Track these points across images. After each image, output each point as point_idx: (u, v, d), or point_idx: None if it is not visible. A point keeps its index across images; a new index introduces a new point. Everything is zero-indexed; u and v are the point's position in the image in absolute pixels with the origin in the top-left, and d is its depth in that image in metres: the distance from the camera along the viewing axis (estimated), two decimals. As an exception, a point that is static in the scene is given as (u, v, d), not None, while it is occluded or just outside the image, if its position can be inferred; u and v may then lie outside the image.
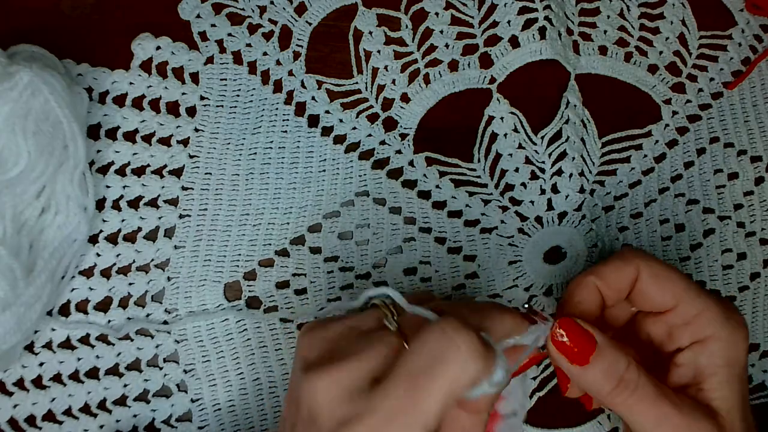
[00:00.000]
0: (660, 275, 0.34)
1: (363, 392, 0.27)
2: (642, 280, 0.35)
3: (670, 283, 0.34)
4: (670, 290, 0.34)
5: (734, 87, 0.48)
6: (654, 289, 0.34)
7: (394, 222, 0.44)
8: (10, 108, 0.35)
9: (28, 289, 0.37)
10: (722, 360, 0.33)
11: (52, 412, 0.40)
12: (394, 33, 0.46)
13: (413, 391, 0.26)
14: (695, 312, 0.34)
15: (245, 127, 0.44)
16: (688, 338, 0.34)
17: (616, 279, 0.35)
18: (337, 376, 0.27)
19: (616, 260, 0.35)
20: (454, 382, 0.26)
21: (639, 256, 0.35)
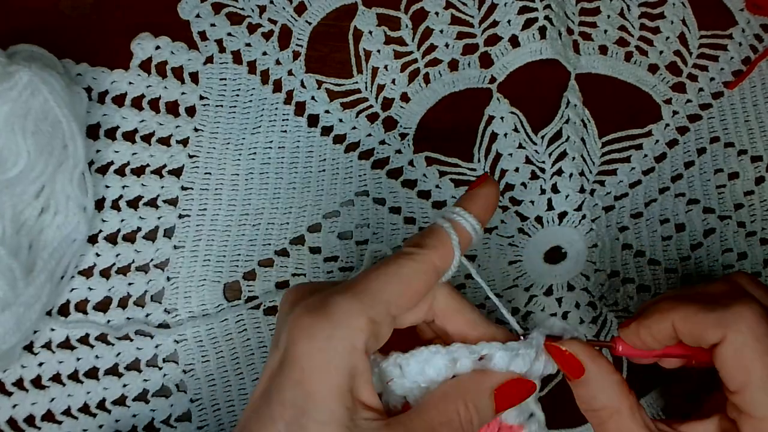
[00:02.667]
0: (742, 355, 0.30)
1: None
2: (720, 349, 0.31)
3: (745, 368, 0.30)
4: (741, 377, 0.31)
5: (735, 87, 0.48)
6: (726, 368, 0.31)
7: (394, 222, 0.44)
8: (9, 108, 0.35)
9: (27, 289, 0.37)
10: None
11: (51, 412, 0.40)
12: (394, 32, 0.46)
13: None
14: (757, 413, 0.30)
15: (245, 126, 0.44)
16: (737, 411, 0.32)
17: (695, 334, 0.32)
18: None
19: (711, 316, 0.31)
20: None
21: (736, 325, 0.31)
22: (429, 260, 0.30)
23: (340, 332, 0.27)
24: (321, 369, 0.27)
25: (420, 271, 0.30)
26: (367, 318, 0.28)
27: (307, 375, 0.27)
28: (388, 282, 0.29)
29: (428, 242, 0.30)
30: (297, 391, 0.27)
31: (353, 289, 0.28)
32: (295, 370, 0.27)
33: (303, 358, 0.27)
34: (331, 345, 0.27)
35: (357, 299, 0.28)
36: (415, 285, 0.30)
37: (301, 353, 0.27)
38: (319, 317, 0.28)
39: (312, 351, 0.27)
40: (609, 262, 0.45)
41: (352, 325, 0.28)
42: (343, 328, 0.27)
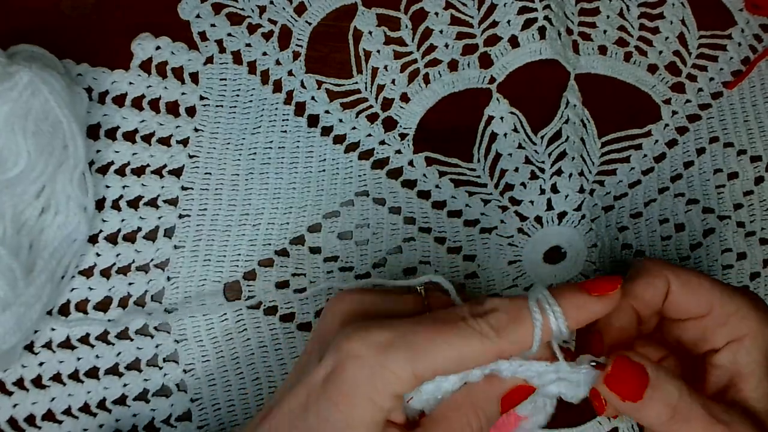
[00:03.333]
0: (690, 283, 0.34)
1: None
2: (673, 291, 0.34)
3: (702, 289, 0.33)
4: (703, 296, 0.33)
5: (734, 87, 0.48)
6: (687, 298, 0.34)
7: (394, 222, 0.44)
8: (9, 108, 0.35)
9: (27, 289, 0.37)
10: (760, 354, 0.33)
11: (51, 412, 0.40)
12: (394, 33, 0.46)
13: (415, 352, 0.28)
14: (729, 312, 0.33)
15: (245, 126, 0.44)
16: (724, 338, 0.33)
17: (649, 295, 0.34)
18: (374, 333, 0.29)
19: (643, 276, 0.34)
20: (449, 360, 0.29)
21: (665, 267, 0.34)
22: (498, 351, 0.29)
23: (387, 377, 0.28)
24: (363, 402, 0.28)
25: (482, 356, 0.29)
26: (413, 375, 0.28)
27: (349, 402, 0.28)
28: (448, 351, 0.29)
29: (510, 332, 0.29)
30: (336, 413, 0.29)
31: (411, 345, 0.28)
32: (339, 394, 0.29)
33: (349, 386, 0.28)
34: (375, 385, 0.28)
35: (411, 357, 0.28)
36: (469, 364, 0.30)
37: (348, 381, 0.28)
38: (372, 355, 0.28)
39: (358, 384, 0.28)
40: (609, 263, 0.45)
41: (400, 376, 0.28)
42: (391, 376, 0.28)
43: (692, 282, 0.34)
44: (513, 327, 0.29)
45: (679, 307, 0.34)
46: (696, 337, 0.35)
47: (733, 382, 0.33)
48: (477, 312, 0.30)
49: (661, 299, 0.34)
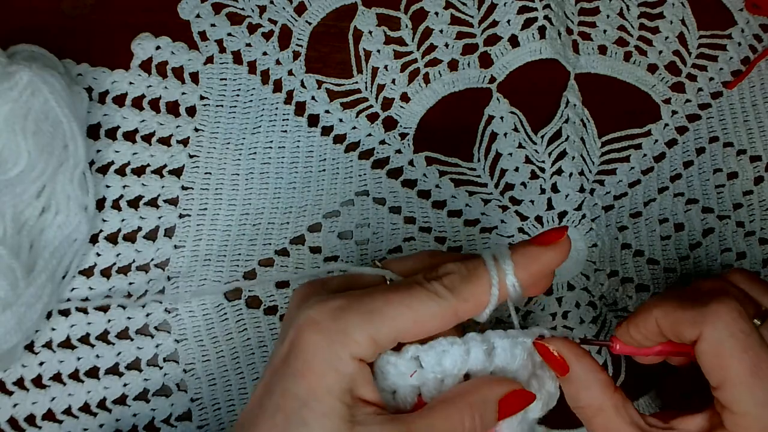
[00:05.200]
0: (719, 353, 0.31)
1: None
2: (699, 346, 0.31)
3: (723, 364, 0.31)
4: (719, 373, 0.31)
5: (734, 86, 0.48)
6: (705, 363, 0.31)
7: (394, 221, 0.44)
8: (9, 108, 0.35)
9: (28, 288, 0.37)
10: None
11: (51, 412, 0.40)
12: (394, 32, 0.46)
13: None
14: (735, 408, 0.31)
15: (245, 126, 0.44)
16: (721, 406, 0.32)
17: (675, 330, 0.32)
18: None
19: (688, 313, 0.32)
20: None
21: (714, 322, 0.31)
22: (453, 309, 0.29)
23: (343, 340, 0.28)
24: (323, 368, 0.28)
25: (438, 317, 0.29)
26: (370, 337, 0.28)
27: (309, 370, 0.28)
28: (403, 313, 0.29)
29: (463, 290, 0.29)
30: (299, 384, 0.28)
31: (366, 307, 0.29)
32: (298, 363, 0.28)
33: (307, 354, 0.28)
34: (333, 349, 0.28)
35: (366, 319, 0.28)
36: (428, 327, 0.29)
37: (306, 349, 0.28)
38: (327, 320, 0.28)
39: (316, 349, 0.28)
40: (609, 262, 0.45)
41: (356, 339, 0.28)
42: (347, 338, 0.28)
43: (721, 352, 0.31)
44: (467, 285, 0.29)
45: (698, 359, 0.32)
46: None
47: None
48: (431, 275, 0.30)
49: (686, 341, 0.32)
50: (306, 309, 0.29)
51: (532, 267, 0.30)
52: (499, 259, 0.30)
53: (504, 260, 0.30)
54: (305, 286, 0.32)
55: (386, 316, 0.28)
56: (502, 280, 0.30)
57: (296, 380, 0.28)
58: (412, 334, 0.29)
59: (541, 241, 0.31)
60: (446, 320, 0.29)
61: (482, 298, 0.30)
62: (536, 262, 0.30)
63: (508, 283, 0.30)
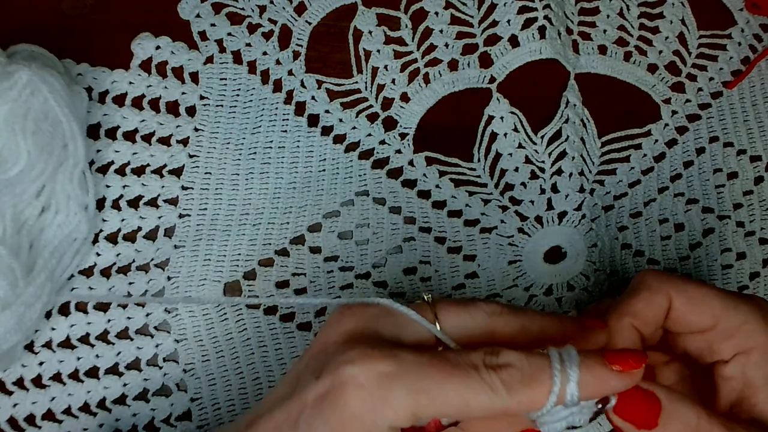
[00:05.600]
0: (693, 297, 0.32)
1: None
2: (675, 306, 0.33)
3: (706, 302, 0.32)
4: (707, 310, 0.32)
5: (734, 86, 0.48)
6: (690, 313, 0.33)
7: (394, 222, 0.44)
8: (9, 107, 0.35)
9: (28, 288, 0.37)
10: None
11: (51, 411, 0.40)
12: (394, 32, 0.46)
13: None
14: (736, 324, 0.32)
15: (245, 126, 0.44)
16: (731, 351, 0.33)
17: (650, 313, 0.33)
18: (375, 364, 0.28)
19: (644, 291, 0.33)
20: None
21: (666, 281, 0.33)
22: (504, 409, 0.27)
23: (385, 411, 0.27)
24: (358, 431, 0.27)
25: (487, 411, 0.27)
26: (412, 413, 0.27)
27: (343, 429, 0.27)
28: (452, 400, 0.27)
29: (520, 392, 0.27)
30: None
31: (416, 384, 0.27)
32: (335, 419, 0.27)
33: (345, 413, 0.27)
34: (373, 417, 0.27)
35: (413, 396, 0.27)
36: (473, 416, 0.28)
37: (345, 409, 0.27)
38: (373, 386, 0.27)
39: (355, 413, 0.27)
40: (609, 262, 0.45)
41: (398, 412, 0.27)
42: (389, 410, 0.27)
43: (695, 296, 0.32)
44: (526, 388, 0.27)
45: (683, 323, 0.33)
46: (702, 349, 0.34)
47: (746, 394, 0.32)
48: (491, 363, 0.28)
49: (663, 316, 0.33)
50: (351, 365, 0.28)
51: (596, 389, 0.28)
52: (567, 366, 0.28)
53: (571, 368, 0.28)
54: (347, 317, 0.30)
55: (435, 399, 0.27)
56: (563, 390, 0.27)
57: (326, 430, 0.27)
58: (455, 417, 0.28)
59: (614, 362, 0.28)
60: (493, 415, 0.28)
61: (537, 404, 0.28)
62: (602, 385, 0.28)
63: (567, 396, 0.27)
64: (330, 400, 0.28)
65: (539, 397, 0.27)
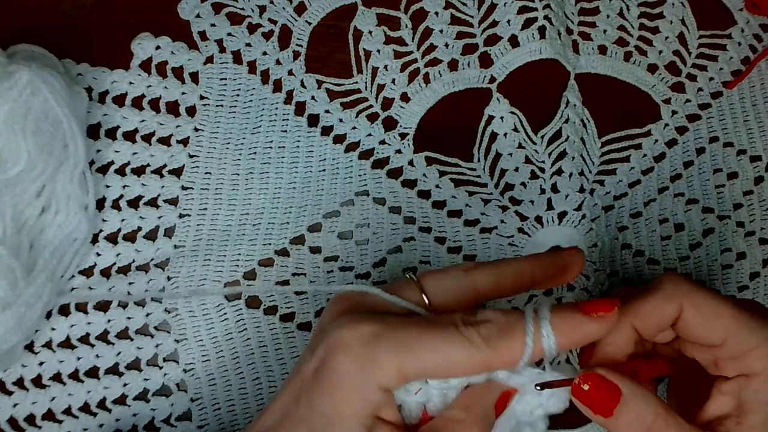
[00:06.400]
0: (706, 312, 0.32)
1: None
2: (685, 318, 0.32)
3: (717, 319, 0.31)
4: (718, 330, 0.31)
5: (734, 86, 0.48)
6: (700, 327, 0.32)
7: (394, 221, 0.44)
8: (9, 107, 0.35)
9: (28, 288, 0.37)
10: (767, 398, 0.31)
11: (51, 412, 0.40)
12: (394, 32, 0.46)
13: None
14: (744, 348, 0.31)
15: (245, 126, 0.44)
16: (735, 370, 0.32)
17: (655, 318, 0.32)
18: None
19: (655, 297, 0.32)
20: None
21: (682, 291, 0.32)
22: (485, 360, 0.29)
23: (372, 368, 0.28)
24: (350, 392, 0.29)
25: (468, 364, 0.29)
26: (398, 369, 0.28)
27: (337, 391, 0.29)
28: (434, 354, 0.28)
29: (498, 343, 0.29)
30: (326, 403, 0.29)
31: (399, 341, 0.29)
32: (327, 383, 0.29)
33: (337, 375, 0.29)
34: (362, 376, 0.28)
35: (397, 352, 0.28)
36: (456, 371, 0.29)
37: (336, 370, 0.29)
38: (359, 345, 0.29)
39: (346, 373, 0.29)
40: (608, 262, 0.45)
41: (385, 369, 0.28)
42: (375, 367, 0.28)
43: (709, 313, 0.32)
44: (503, 339, 0.29)
45: (691, 334, 0.33)
46: (707, 361, 0.34)
47: (735, 413, 0.32)
48: (469, 320, 0.29)
49: (668, 324, 0.33)
50: (339, 329, 0.29)
51: (572, 335, 0.30)
52: (540, 318, 0.29)
53: (544, 321, 0.29)
54: (341, 300, 0.32)
55: (417, 353, 0.28)
56: (538, 341, 0.29)
57: (323, 398, 0.29)
58: (440, 374, 0.29)
59: (587, 310, 0.30)
60: (475, 369, 0.29)
61: (515, 354, 0.29)
62: (577, 331, 0.30)
63: (544, 344, 0.29)
64: (323, 366, 0.29)
65: (516, 346, 0.29)
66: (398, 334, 0.29)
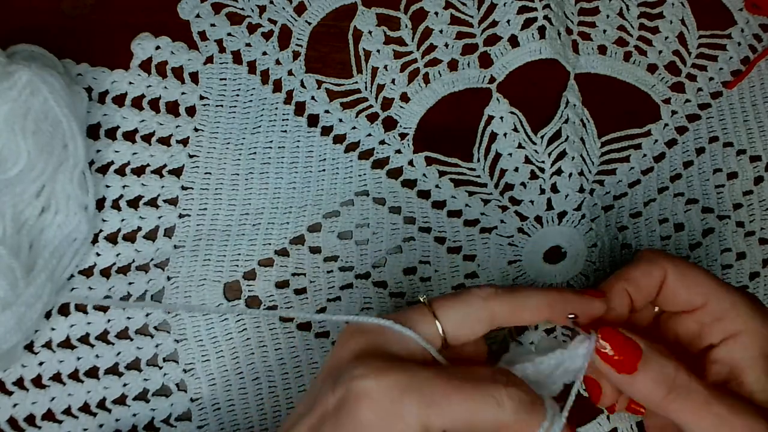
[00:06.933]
0: (687, 274, 0.34)
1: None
2: (669, 280, 0.35)
3: (698, 281, 0.34)
4: (699, 288, 0.34)
5: (734, 86, 0.48)
6: (682, 289, 0.35)
7: (394, 221, 0.44)
8: (9, 107, 0.35)
9: (28, 288, 0.37)
10: (757, 351, 0.33)
11: (51, 412, 0.40)
12: (394, 32, 0.46)
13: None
14: (725, 307, 0.34)
15: (245, 126, 0.44)
16: (720, 334, 0.34)
17: (645, 282, 0.35)
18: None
19: (642, 263, 0.35)
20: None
21: (664, 256, 0.35)
22: (506, 426, 0.29)
23: (397, 424, 0.28)
24: None
25: (492, 424, 0.29)
26: (422, 426, 0.28)
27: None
28: (462, 413, 0.28)
29: (521, 415, 0.29)
30: None
31: (427, 396, 0.29)
32: (350, 427, 0.29)
33: (361, 426, 0.28)
34: (386, 430, 0.28)
35: (424, 409, 0.28)
36: (479, 427, 0.29)
37: (359, 423, 0.29)
38: (385, 400, 0.28)
39: (370, 425, 0.28)
40: (608, 262, 0.45)
41: (410, 425, 0.28)
42: (401, 423, 0.28)
43: (688, 273, 0.34)
44: (525, 414, 0.29)
45: (675, 298, 0.35)
46: (692, 333, 0.35)
47: (734, 374, 0.33)
48: (500, 379, 0.30)
49: (656, 287, 0.35)
50: (364, 379, 0.29)
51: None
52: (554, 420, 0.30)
53: (558, 423, 0.30)
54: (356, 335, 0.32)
55: (443, 409, 0.28)
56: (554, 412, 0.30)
57: None
58: (460, 429, 0.29)
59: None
60: (494, 428, 0.29)
61: (534, 423, 0.29)
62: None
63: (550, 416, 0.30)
64: (346, 410, 0.29)
65: (534, 422, 0.29)
66: (425, 390, 0.28)
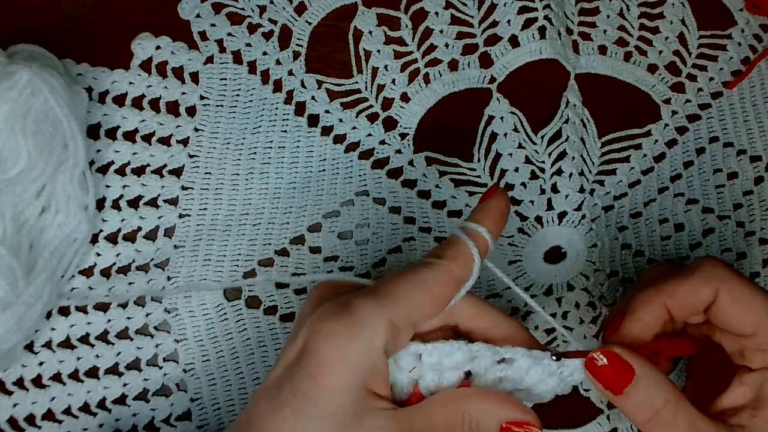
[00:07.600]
0: (740, 300, 0.32)
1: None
2: (720, 302, 0.32)
3: (752, 308, 0.32)
4: (750, 318, 0.32)
5: (734, 86, 0.48)
6: (732, 315, 0.32)
7: (394, 221, 0.44)
8: (9, 107, 0.35)
9: (28, 288, 0.37)
10: None
11: (51, 411, 0.40)
12: (394, 32, 0.46)
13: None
14: None
15: (245, 126, 0.44)
16: (760, 363, 0.32)
17: (690, 300, 0.33)
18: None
19: (693, 278, 0.33)
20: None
21: (720, 275, 0.32)
22: (448, 269, 0.31)
23: (361, 332, 0.28)
24: (337, 367, 0.28)
25: (440, 280, 0.31)
26: (387, 320, 0.29)
27: (322, 370, 0.28)
28: (410, 288, 0.30)
29: (447, 253, 0.31)
30: (309, 383, 0.28)
31: (377, 293, 0.29)
32: (311, 365, 0.28)
33: (321, 355, 0.28)
34: (352, 344, 0.28)
35: (380, 303, 0.29)
36: (435, 292, 0.30)
37: (321, 350, 0.28)
38: (341, 317, 0.29)
39: (331, 349, 0.28)
40: (608, 262, 0.45)
41: (373, 327, 0.28)
42: (364, 329, 0.28)
43: (742, 299, 0.32)
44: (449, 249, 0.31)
45: (723, 319, 0.33)
46: (734, 350, 0.34)
47: (756, 404, 0.32)
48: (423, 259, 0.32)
49: (702, 307, 0.33)
50: (320, 309, 0.30)
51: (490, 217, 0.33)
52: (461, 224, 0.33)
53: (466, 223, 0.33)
54: (321, 287, 0.33)
55: (399, 296, 0.29)
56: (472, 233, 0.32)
57: (307, 379, 0.28)
58: (427, 309, 0.30)
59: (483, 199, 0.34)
60: (448, 283, 0.31)
61: (466, 253, 0.31)
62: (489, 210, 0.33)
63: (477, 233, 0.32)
64: (307, 348, 0.29)
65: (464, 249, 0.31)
66: (376, 289, 0.30)
